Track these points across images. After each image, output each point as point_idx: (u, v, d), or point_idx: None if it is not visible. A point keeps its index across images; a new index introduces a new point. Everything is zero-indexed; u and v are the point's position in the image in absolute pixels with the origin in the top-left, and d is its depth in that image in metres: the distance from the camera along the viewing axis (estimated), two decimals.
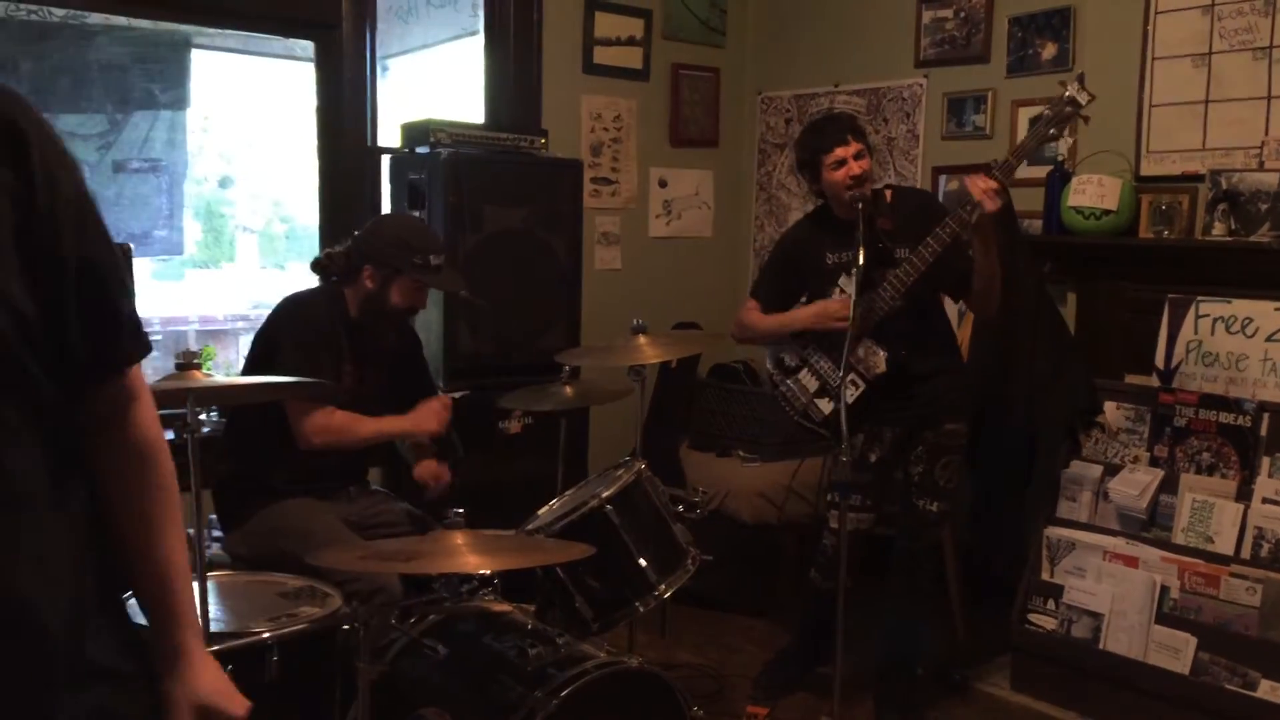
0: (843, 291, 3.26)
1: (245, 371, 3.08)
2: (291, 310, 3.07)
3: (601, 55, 4.72)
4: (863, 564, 3.44)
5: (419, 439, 3.21)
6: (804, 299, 3.46)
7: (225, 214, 5.60)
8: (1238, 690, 3.09)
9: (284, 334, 3.01)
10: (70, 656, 1.12)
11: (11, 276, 1.07)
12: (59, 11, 3.68)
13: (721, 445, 4.50)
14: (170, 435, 2.20)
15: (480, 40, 4.51)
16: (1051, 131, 3.06)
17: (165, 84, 4.01)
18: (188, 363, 2.24)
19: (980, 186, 2.99)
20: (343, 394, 2.98)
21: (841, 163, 3.21)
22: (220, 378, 2.52)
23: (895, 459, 3.35)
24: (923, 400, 3.28)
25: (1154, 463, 3.49)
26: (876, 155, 3.54)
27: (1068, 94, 2.99)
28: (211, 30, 4.14)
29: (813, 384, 3.40)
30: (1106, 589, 3.39)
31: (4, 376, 1.07)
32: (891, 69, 4.64)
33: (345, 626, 2.35)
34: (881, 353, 3.21)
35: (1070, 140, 3.16)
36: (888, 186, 3.44)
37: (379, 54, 4.22)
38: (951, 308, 3.60)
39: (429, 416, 3.13)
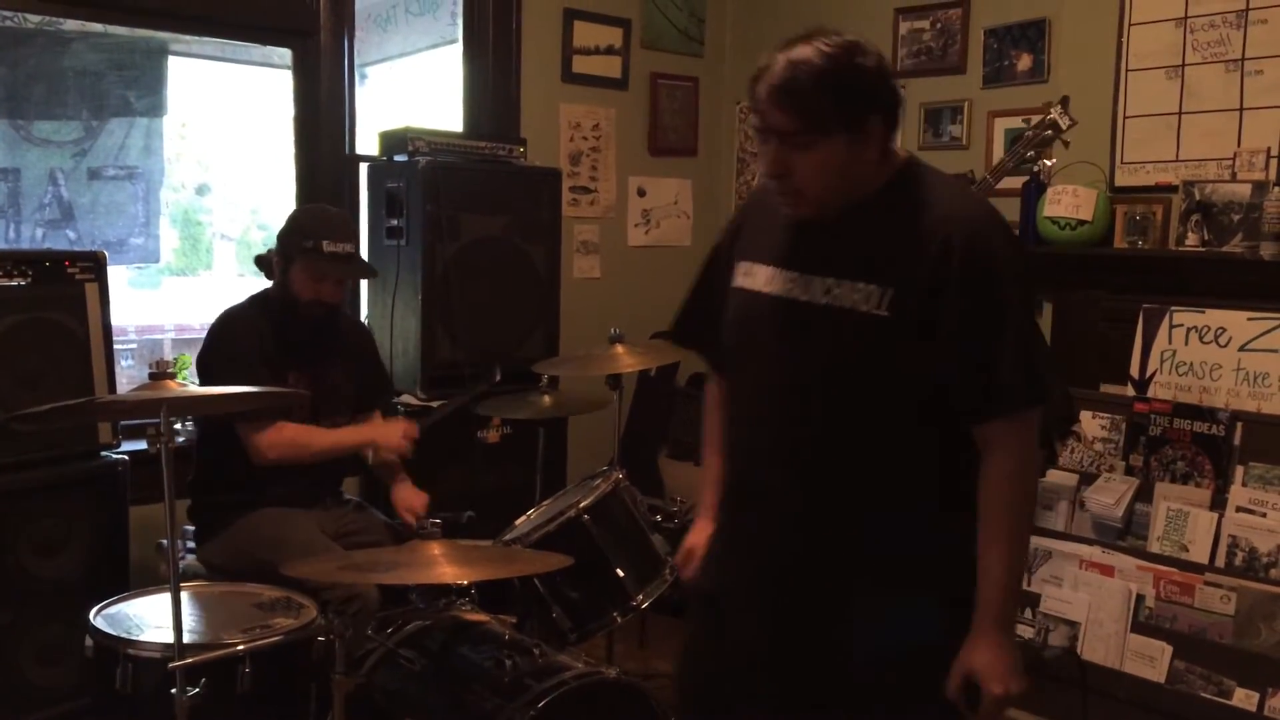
0: None
1: None
2: (213, 335, 3.04)
3: (580, 64, 4.72)
4: None
5: (381, 454, 3.15)
6: None
7: (202, 221, 5.57)
8: (1213, 698, 3.11)
9: (213, 360, 2.99)
10: None
11: None
12: (34, 18, 3.65)
13: (700, 455, 4.49)
14: (143, 445, 2.20)
15: (459, 49, 4.50)
16: (1030, 154, 3.08)
17: (141, 91, 3.99)
18: (162, 372, 2.22)
19: None
20: (303, 402, 2.95)
21: None
22: (194, 387, 2.51)
23: None
24: None
25: (1129, 472, 3.51)
26: None
27: (1050, 117, 3.01)
28: (188, 37, 4.12)
29: None
30: (1083, 598, 3.40)
31: None
32: None
33: (321, 638, 2.34)
34: None
35: (1050, 162, 3.20)
36: None
37: (357, 62, 4.21)
38: None
39: (392, 434, 3.07)
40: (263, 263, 3.11)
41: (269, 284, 3.14)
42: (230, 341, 3.00)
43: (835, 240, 1.75)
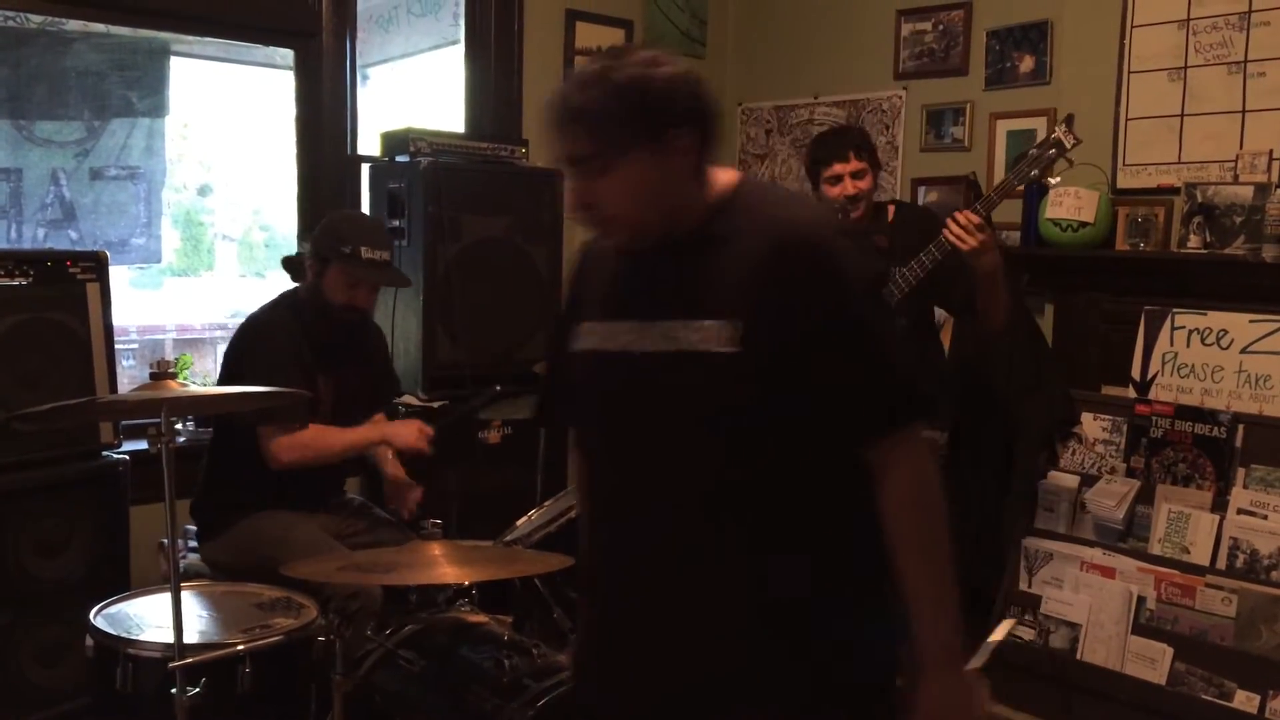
0: None
1: None
2: (249, 335, 3.03)
3: (582, 65, 4.71)
4: None
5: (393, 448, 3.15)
6: None
7: (204, 222, 5.57)
8: (1214, 700, 3.11)
9: (245, 363, 2.97)
10: None
11: None
12: (36, 18, 3.65)
13: None
14: (144, 445, 2.20)
15: (461, 49, 4.50)
16: (1034, 173, 3.07)
17: (144, 91, 3.99)
18: (163, 372, 2.23)
19: (960, 222, 2.97)
20: (322, 405, 2.96)
21: (838, 179, 3.21)
22: (196, 388, 2.51)
23: None
24: None
25: (1130, 474, 3.51)
26: None
27: (1054, 136, 2.99)
28: (191, 38, 4.12)
29: None
30: (1084, 599, 3.40)
31: None
32: (871, 81, 4.66)
33: (320, 638, 2.33)
34: None
35: (1055, 180, 3.18)
36: (891, 202, 3.45)
37: (359, 62, 4.21)
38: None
39: (408, 433, 3.05)
40: (291, 264, 3.11)
41: (278, 286, 3.15)
42: (266, 343, 2.98)
43: (669, 278, 1.59)
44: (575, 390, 1.73)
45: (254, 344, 3.01)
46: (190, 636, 2.26)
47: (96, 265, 3.10)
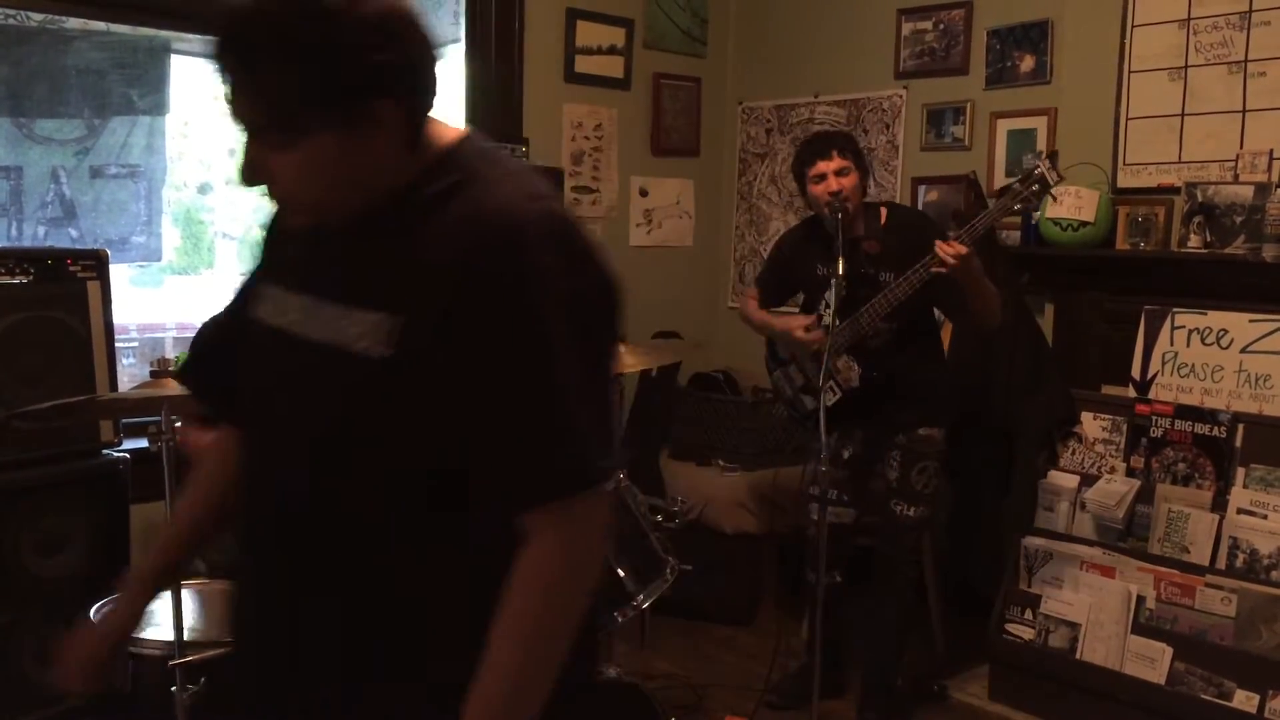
0: (828, 305, 3.28)
1: None
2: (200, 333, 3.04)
3: (583, 64, 4.72)
4: (848, 565, 3.47)
5: None
6: (801, 295, 3.57)
7: (205, 220, 5.57)
8: (1213, 700, 3.11)
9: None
10: None
11: None
12: (36, 16, 3.65)
13: (701, 454, 4.50)
14: (144, 443, 2.21)
15: (461, 48, 4.50)
16: (1016, 208, 3.09)
17: (144, 89, 3.99)
18: (163, 370, 2.23)
19: (949, 251, 2.98)
20: None
21: (822, 177, 3.23)
22: None
23: (869, 457, 3.40)
24: (896, 406, 3.32)
25: (1130, 473, 3.51)
26: None
27: (1038, 172, 2.99)
28: (191, 36, 4.12)
29: (799, 379, 3.50)
30: (1083, 599, 3.40)
31: None
32: (871, 80, 4.66)
33: None
34: (856, 368, 3.28)
35: (1038, 214, 3.18)
36: (884, 204, 3.46)
37: None
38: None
39: None
40: None
41: None
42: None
43: (346, 254, 1.28)
44: (238, 357, 1.43)
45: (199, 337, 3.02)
46: (190, 634, 2.27)
47: (97, 263, 3.10)
